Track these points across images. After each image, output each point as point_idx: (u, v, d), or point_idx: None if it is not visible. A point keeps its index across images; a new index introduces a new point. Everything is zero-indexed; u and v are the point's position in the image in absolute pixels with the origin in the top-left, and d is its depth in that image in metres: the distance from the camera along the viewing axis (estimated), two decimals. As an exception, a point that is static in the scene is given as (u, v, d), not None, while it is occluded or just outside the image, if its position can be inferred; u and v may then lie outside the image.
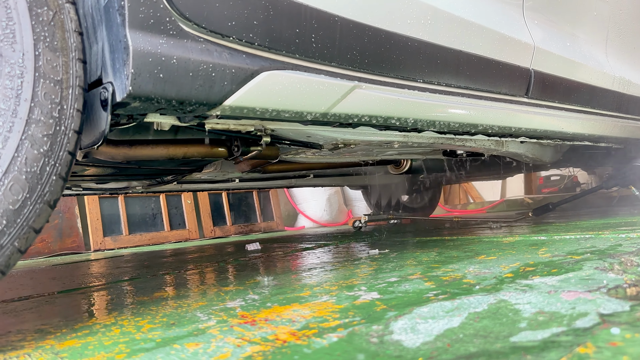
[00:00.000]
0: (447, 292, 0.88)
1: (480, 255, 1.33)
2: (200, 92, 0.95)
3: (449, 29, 1.44)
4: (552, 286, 0.85)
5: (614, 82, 2.23)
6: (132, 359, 0.68)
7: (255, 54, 1.05)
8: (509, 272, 1.03)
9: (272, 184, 3.22)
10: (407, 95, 1.36)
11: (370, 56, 1.26)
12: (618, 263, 1.02)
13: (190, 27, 0.95)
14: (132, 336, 0.80)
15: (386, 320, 0.72)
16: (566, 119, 1.92)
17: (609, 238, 1.42)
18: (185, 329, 0.80)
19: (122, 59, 0.87)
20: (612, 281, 0.85)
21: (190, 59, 0.93)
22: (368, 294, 0.94)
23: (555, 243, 1.44)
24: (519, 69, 1.67)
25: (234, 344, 0.68)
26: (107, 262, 2.47)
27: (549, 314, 0.67)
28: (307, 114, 1.18)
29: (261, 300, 0.99)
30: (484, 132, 1.63)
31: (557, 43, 1.89)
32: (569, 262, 1.07)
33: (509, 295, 0.81)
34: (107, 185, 2.38)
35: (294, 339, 0.68)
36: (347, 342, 0.64)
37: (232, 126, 1.23)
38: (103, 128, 0.94)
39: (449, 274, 1.08)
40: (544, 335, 0.58)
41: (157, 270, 1.78)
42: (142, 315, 0.97)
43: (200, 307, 0.98)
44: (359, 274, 1.21)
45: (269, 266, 1.60)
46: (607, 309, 0.67)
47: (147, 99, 0.90)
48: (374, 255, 1.61)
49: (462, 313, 0.72)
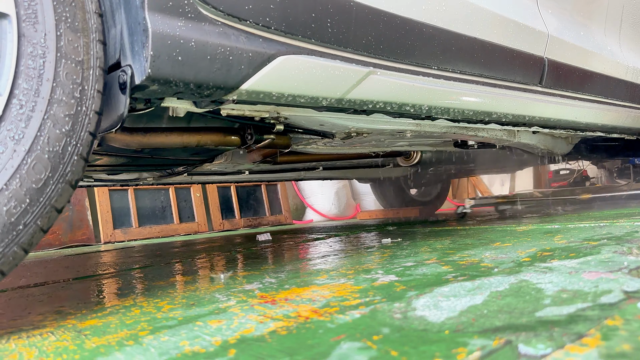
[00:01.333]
0: (466, 274, 0.88)
1: (495, 243, 1.33)
2: (217, 75, 0.96)
3: (464, 15, 1.43)
4: (572, 267, 0.84)
5: (628, 71, 2.21)
6: (156, 335, 0.68)
7: (272, 38, 1.05)
8: (526, 256, 1.03)
9: (282, 176, 3.23)
10: (422, 82, 1.36)
11: (385, 42, 1.26)
12: (637, 247, 1.01)
13: (208, 10, 0.95)
14: (153, 315, 0.81)
15: (408, 299, 0.72)
16: (580, 108, 1.91)
17: (625, 226, 1.41)
18: (205, 309, 0.81)
19: (141, 41, 0.88)
20: (633, 263, 0.84)
21: (209, 42, 0.93)
22: (386, 277, 0.94)
23: (570, 231, 1.43)
24: (533, 57, 1.66)
25: (256, 321, 0.69)
26: (119, 253, 2.48)
27: (572, 292, 0.67)
28: (323, 99, 1.18)
29: (278, 283, 0.99)
30: (498, 120, 1.62)
31: (570, 32, 1.88)
32: (586, 247, 1.07)
33: (530, 275, 0.81)
34: (118, 176, 2.39)
35: (317, 316, 0.68)
36: (370, 318, 0.64)
37: (247, 112, 1.23)
38: (122, 111, 0.95)
39: (466, 259, 1.08)
40: (570, 311, 0.58)
41: (169, 259, 1.79)
42: (160, 297, 0.97)
43: (218, 289, 0.99)
44: (374, 260, 1.21)
45: (281, 254, 1.60)
46: (630, 287, 0.67)
47: (165, 82, 0.90)
48: (387, 244, 1.61)
49: (484, 292, 0.72)
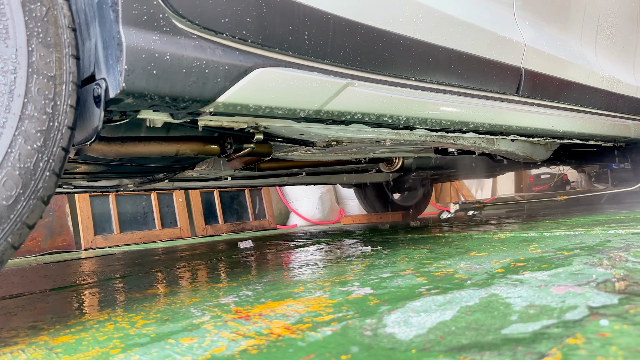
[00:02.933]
0: (439, 287, 0.89)
1: (472, 252, 1.34)
2: (193, 88, 0.96)
3: (441, 27, 1.45)
4: (543, 280, 0.86)
5: (603, 80, 2.25)
6: (127, 353, 0.68)
7: (249, 50, 1.05)
8: (499, 267, 1.05)
9: (265, 182, 3.22)
10: (400, 93, 1.37)
11: (363, 54, 1.27)
12: (607, 258, 1.03)
13: (184, 23, 0.95)
14: (126, 332, 0.81)
15: (379, 314, 0.73)
16: (556, 117, 1.94)
17: (598, 235, 1.44)
18: (179, 325, 0.81)
19: (115, 55, 0.88)
20: (601, 275, 0.86)
21: (184, 56, 0.94)
22: (361, 289, 0.95)
23: (545, 239, 1.45)
24: (510, 68, 1.69)
25: (228, 338, 0.69)
26: (98, 261, 2.46)
27: (540, 307, 0.68)
28: (300, 111, 1.18)
29: (255, 296, 0.99)
30: (475, 130, 1.64)
31: (547, 42, 1.91)
32: (559, 258, 1.09)
33: (500, 289, 0.82)
34: (98, 183, 2.36)
35: (289, 333, 0.68)
36: (341, 335, 0.65)
37: (225, 123, 1.23)
38: (96, 124, 0.94)
39: (441, 270, 1.09)
40: (535, 328, 0.60)
41: (149, 268, 1.78)
42: (135, 311, 0.97)
43: (193, 303, 0.98)
44: (352, 270, 1.22)
45: (261, 263, 1.60)
46: (596, 302, 0.69)
47: (140, 96, 0.90)
48: (367, 253, 1.62)
49: (454, 307, 0.73)
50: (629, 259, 1.03)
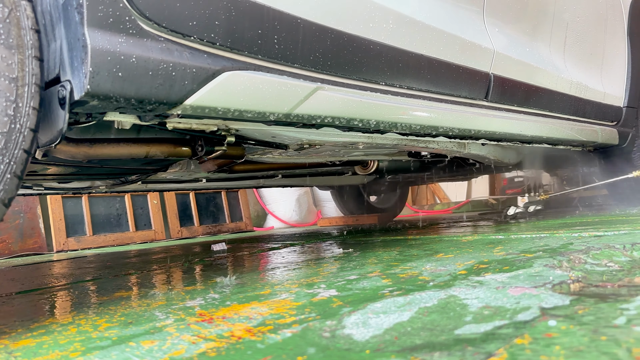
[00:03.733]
0: (402, 289, 0.91)
1: (439, 254, 1.37)
2: (160, 91, 0.96)
3: (411, 33, 1.47)
4: (501, 282, 0.88)
5: (572, 86, 2.31)
6: (87, 356, 0.68)
7: (217, 53, 1.06)
8: (463, 269, 1.07)
9: (240, 184, 3.22)
10: (370, 98, 1.39)
11: (333, 58, 1.28)
12: (567, 260, 1.06)
13: (151, 26, 0.95)
14: (88, 335, 0.80)
15: (340, 316, 0.74)
16: (525, 122, 1.98)
17: (562, 237, 1.48)
18: (142, 328, 0.81)
19: (80, 57, 0.87)
20: (558, 277, 0.89)
21: (150, 58, 0.94)
22: (327, 292, 0.96)
23: (511, 242, 1.48)
24: (479, 73, 1.72)
25: (189, 341, 0.69)
26: (69, 263, 2.42)
27: (494, 308, 0.70)
28: (270, 114, 1.19)
29: (221, 299, 0.99)
30: (445, 134, 1.67)
31: (516, 48, 1.95)
32: (521, 260, 1.11)
33: (459, 290, 0.84)
34: (69, 184, 2.33)
35: (249, 335, 0.69)
36: (301, 337, 0.65)
37: (194, 125, 1.23)
38: (61, 126, 0.93)
39: (407, 272, 1.11)
40: (487, 328, 0.61)
41: (119, 271, 1.76)
42: (100, 314, 0.96)
43: (159, 306, 0.98)
44: (321, 273, 1.23)
45: (233, 266, 1.60)
46: (548, 303, 0.71)
47: (105, 98, 0.90)
48: (338, 255, 1.63)
49: (413, 308, 0.75)
50: (588, 261, 1.06)
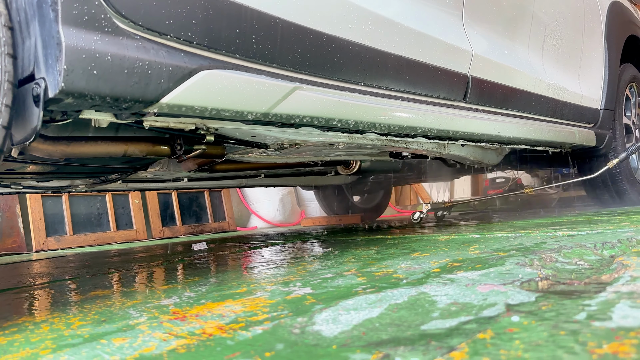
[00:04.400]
0: (375, 286, 0.92)
1: (416, 253, 1.38)
2: (135, 89, 0.96)
3: (390, 35, 1.48)
4: (472, 280, 0.90)
5: (550, 88, 2.35)
6: (57, 353, 0.68)
7: (194, 52, 1.06)
8: (437, 267, 1.08)
9: (223, 183, 3.21)
10: (348, 98, 1.40)
11: (311, 59, 1.29)
12: (538, 259, 1.09)
13: (127, 24, 0.95)
14: (60, 333, 0.80)
15: (311, 313, 0.75)
16: (502, 123, 2.01)
17: (537, 236, 1.50)
18: (115, 326, 0.81)
19: (54, 55, 0.87)
20: (527, 275, 0.91)
21: (126, 56, 0.94)
22: (301, 290, 0.97)
23: (487, 241, 1.51)
24: (457, 75, 1.74)
25: (160, 338, 0.69)
26: (48, 263, 2.40)
27: (462, 305, 0.72)
28: (248, 113, 1.19)
29: (196, 297, 1.00)
30: (424, 134, 1.69)
31: (495, 50, 1.98)
32: (494, 258, 1.13)
33: (430, 288, 0.85)
34: (49, 183, 2.31)
35: (220, 332, 0.70)
36: (270, 334, 0.66)
37: (172, 124, 1.23)
38: (35, 124, 0.93)
39: (382, 270, 1.12)
40: (452, 324, 0.63)
41: (97, 270, 1.75)
42: (75, 313, 0.96)
43: (134, 304, 0.98)
44: (299, 272, 1.24)
45: (211, 265, 1.60)
46: (514, 300, 0.72)
47: (80, 96, 0.90)
48: (317, 254, 1.64)
49: (384, 304, 0.76)
50: (559, 259, 1.09)
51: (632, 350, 0.49)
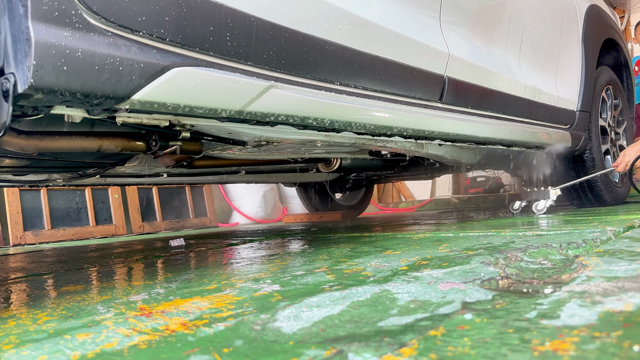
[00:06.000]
0: (342, 284, 0.94)
1: (388, 250, 1.40)
2: (106, 85, 0.96)
3: (367, 35, 1.50)
4: (436, 277, 0.92)
5: (526, 90, 2.39)
6: (19, 348, 0.68)
7: (167, 49, 1.06)
8: (405, 265, 1.11)
9: (203, 179, 3.21)
10: (324, 97, 1.41)
11: (287, 57, 1.30)
12: (503, 258, 1.11)
13: (98, 20, 0.95)
14: (25, 328, 0.80)
15: (275, 310, 0.77)
16: (478, 124, 2.04)
17: (507, 236, 1.53)
18: (81, 321, 0.81)
19: (24, 50, 0.87)
20: (489, 274, 0.93)
21: (97, 53, 0.94)
22: (270, 287, 0.98)
23: (458, 239, 1.53)
24: (434, 76, 1.76)
25: (123, 334, 0.70)
26: (24, 257, 2.38)
27: (421, 302, 0.74)
28: (222, 111, 1.20)
29: (165, 294, 1.01)
30: (400, 134, 1.71)
31: (472, 52, 2.01)
32: (462, 257, 1.16)
33: (394, 285, 0.87)
34: (25, 177, 2.29)
35: (183, 329, 0.71)
36: (232, 330, 0.67)
37: (145, 120, 1.23)
38: (4, 119, 0.93)
39: (352, 267, 1.14)
40: (408, 321, 0.65)
41: (72, 266, 1.75)
42: (42, 308, 0.96)
43: (103, 300, 0.99)
44: (271, 269, 1.25)
45: (186, 262, 1.61)
46: (472, 298, 0.75)
47: (50, 92, 0.90)
48: (293, 251, 1.66)
49: (346, 302, 0.78)
50: (524, 258, 1.12)
51: (571, 347, 0.51)
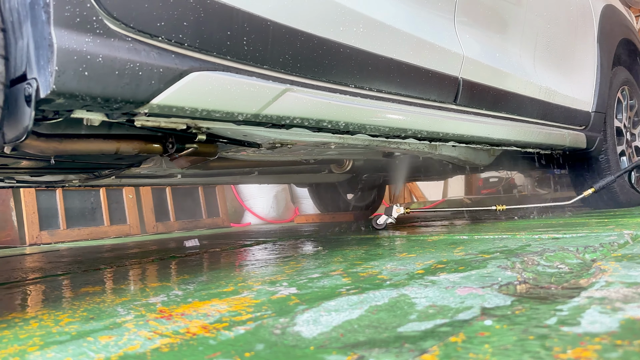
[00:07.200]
0: (359, 287, 0.94)
1: (402, 253, 1.40)
2: (126, 90, 0.97)
3: (381, 37, 1.50)
4: (453, 282, 0.92)
5: (541, 91, 2.37)
6: (44, 350, 0.70)
7: (185, 54, 1.07)
8: (421, 268, 1.11)
9: (216, 180, 3.23)
10: (339, 100, 1.42)
11: (302, 61, 1.31)
12: (520, 262, 1.11)
13: (118, 26, 0.97)
14: (48, 330, 0.82)
15: (294, 314, 0.77)
16: (493, 125, 2.03)
17: (522, 239, 1.53)
18: (102, 323, 0.83)
19: (46, 56, 0.88)
20: (507, 278, 0.93)
21: (117, 58, 0.95)
22: (287, 290, 0.99)
23: (473, 242, 1.53)
24: (448, 77, 1.76)
25: (145, 337, 0.71)
26: (41, 257, 2.41)
27: (439, 307, 0.74)
28: (239, 114, 1.21)
29: (184, 296, 1.02)
30: (414, 136, 1.71)
31: (486, 53, 2.00)
32: (478, 261, 1.15)
33: (411, 290, 0.88)
34: (42, 178, 2.32)
35: (204, 332, 0.72)
36: (252, 334, 0.68)
37: (163, 124, 1.24)
38: (27, 124, 0.94)
39: (368, 270, 1.14)
40: (427, 326, 0.65)
41: (89, 266, 1.77)
42: (63, 309, 0.98)
43: (122, 302, 1.00)
44: (286, 271, 1.26)
45: (201, 263, 1.62)
46: (490, 303, 0.75)
47: (71, 96, 0.91)
48: (307, 253, 1.66)
49: (364, 306, 0.78)
50: (541, 262, 1.11)
51: (594, 355, 0.51)
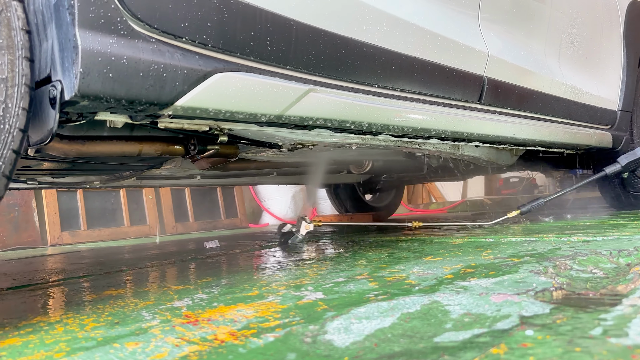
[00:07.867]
0: (387, 293, 0.92)
1: (428, 256, 1.38)
2: (150, 92, 0.96)
3: (405, 36, 1.47)
4: (486, 288, 0.89)
5: (566, 90, 2.32)
6: (71, 357, 0.68)
7: (209, 55, 1.06)
8: (449, 273, 1.08)
9: (235, 181, 3.22)
10: (362, 100, 1.39)
11: (325, 61, 1.28)
12: (552, 266, 1.07)
13: (142, 27, 0.95)
14: (74, 335, 0.81)
15: (323, 321, 0.75)
16: (518, 125, 1.99)
17: (551, 242, 1.49)
18: (128, 328, 0.81)
19: (71, 58, 0.87)
20: (542, 284, 0.89)
21: (141, 59, 0.94)
22: (313, 294, 0.97)
23: (500, 245, 1.49)
24: (473, 76, 1.72)
25: (172, 344, 0.70)
26: (63, 258, 2.43)
27: (475, 316, 0.71)
28: (262, 115, 1.19)
29: (209, 300, 1.00)
30: (437, 136, 1.68)
31: (511, 52, 1.96)
32: (508, 265, 1.12)
33: (443, 296, 0.85)
34: (64, 179, 2.33)
35: (232, 339, 0.70)
36: (282, 342, 0.66)
37: (186, 126, 1.23)
38: (51, 126, 0.94)
39: (394, 275, 1.12)
40: (465, 336, 0.62)
41: (111, 268, 1.77)
42: (87, 313, 0.97)
43: (147, 306, 0.99)
44: (310, 274, 1.24)
45: (223, 265, 1.61)
46: (529, 312, 0.72)
47: (96, 98, 0.90)
48: (329, 255, 1.64)
49: (396, 313, 0.76)
50: (574, 267, 1.07)
51: (649, 371, 0.48)
